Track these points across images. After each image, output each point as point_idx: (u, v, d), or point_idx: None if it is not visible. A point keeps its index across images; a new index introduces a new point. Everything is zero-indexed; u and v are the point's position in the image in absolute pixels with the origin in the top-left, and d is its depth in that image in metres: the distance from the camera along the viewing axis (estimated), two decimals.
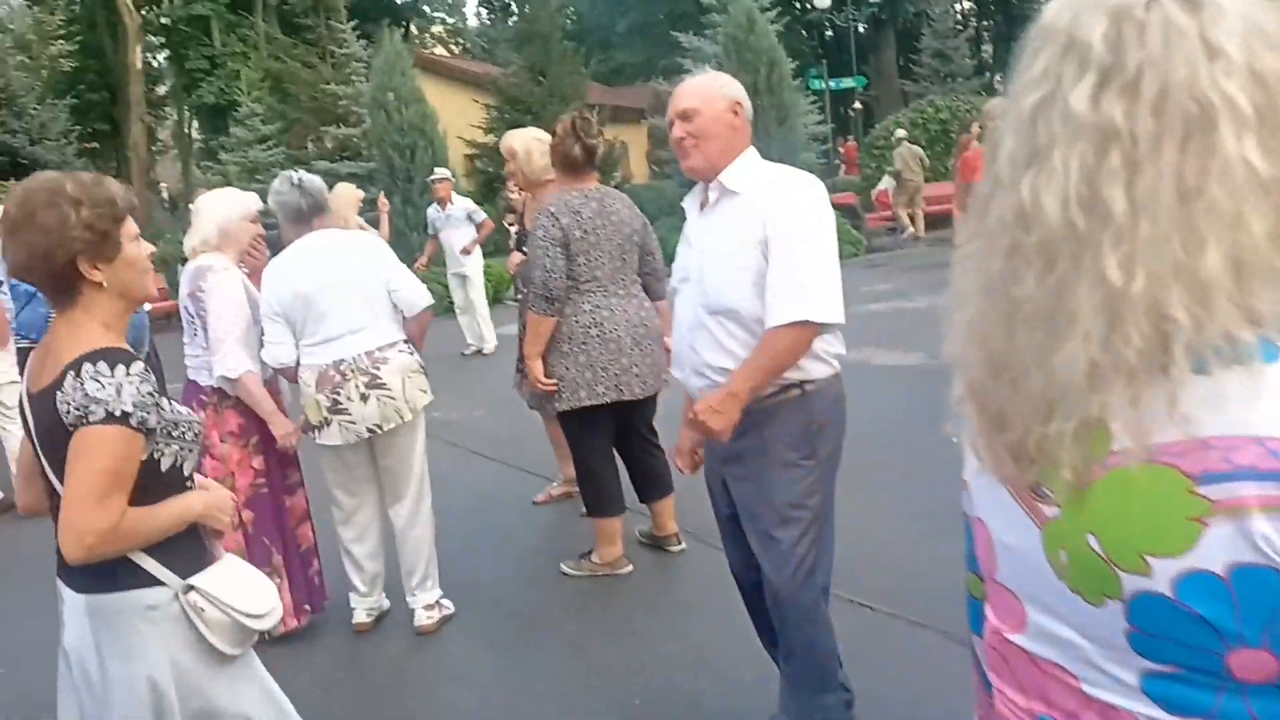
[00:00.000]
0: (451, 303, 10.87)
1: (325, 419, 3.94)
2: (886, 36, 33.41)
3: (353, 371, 3.91)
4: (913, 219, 16.77)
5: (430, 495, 4.27)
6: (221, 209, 4.08)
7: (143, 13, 28.86)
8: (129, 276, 2.09)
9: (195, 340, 4.04)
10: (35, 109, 22.00)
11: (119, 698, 2.08)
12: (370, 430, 3.95)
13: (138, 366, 1.99)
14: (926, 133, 18.50)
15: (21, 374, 6.56)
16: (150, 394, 1.98)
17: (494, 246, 18.79)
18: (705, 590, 4.15)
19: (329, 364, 3.92)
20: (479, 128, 25.66)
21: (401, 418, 3.97)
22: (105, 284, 2.04)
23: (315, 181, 4.09)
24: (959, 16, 34.35)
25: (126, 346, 2.04)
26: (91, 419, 1.92)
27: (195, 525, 2.18)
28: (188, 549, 2.14)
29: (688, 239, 2.89)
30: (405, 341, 4.07)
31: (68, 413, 1.94)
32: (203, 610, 2.09)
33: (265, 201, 4.18)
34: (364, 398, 3.90)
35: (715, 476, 2.96)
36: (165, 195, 34.29)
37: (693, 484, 4.93)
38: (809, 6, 26.17)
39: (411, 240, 15.01)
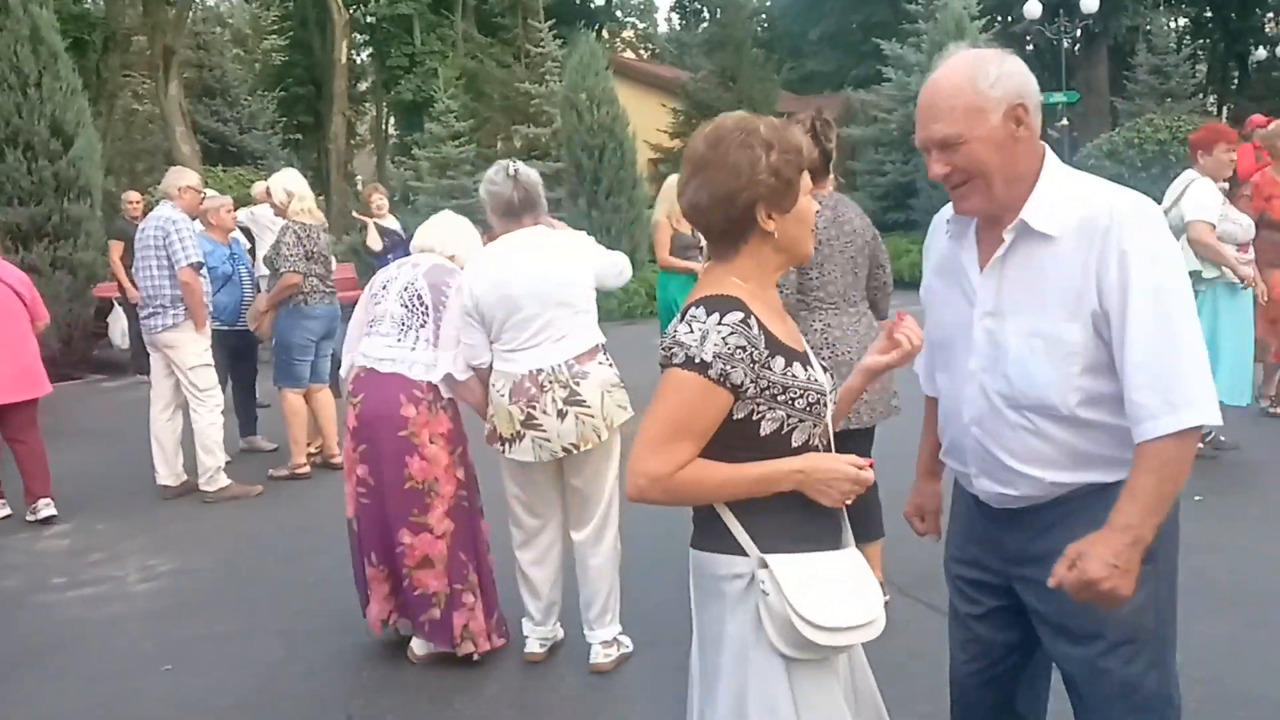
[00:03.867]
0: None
1: (518, 432, 3.66)
2: (1098, 51, 31.67)
3: (551, 383, 3.63)
4: None
5: (618, 521, 3.95)
6: (475, 245, 4.21)
7: (350, 10, 29.97)
8: (798, 231, 1.96)
9: (420, 333, 3.90)
10: (246, 100, 23.08)
11: (709, 656, 2.00)
12: (566, 449, 3.65)
13: (734, 317, 1.83)
14: (1143, 153, 17.26)
15: (214, 355, 6.69)
16: (742, 348, 1.81)
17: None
18: (917, 654, 3.68)
19: (525, 373, 3.64)
20: (665, 132, 25.61)
21: (599, 437, 3.67)
22: (776, 234, 1.92)
23: (531, 175, 3.83)
24: (1176, 34, 32.40)
25: (743, 298, 1.87)
26: (674, 361, 1.85)
27: (811, 501, 1.93)
28: (791, 521, 1.91)
29: (962, 289, 2.11)
30: (604, 352, 3.78)
31: (661, 353, 1.89)
32: (766, 594, 1.86)
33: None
34: (561, 414, 3.61)
35: (973, 568, 2.28)
36: (360, 187, 35.57)
37: (903, 530, 4.50)
38: (1016, 18, 25.03)
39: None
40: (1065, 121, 25.30)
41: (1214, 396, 1.90)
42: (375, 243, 9.36)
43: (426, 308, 3.90)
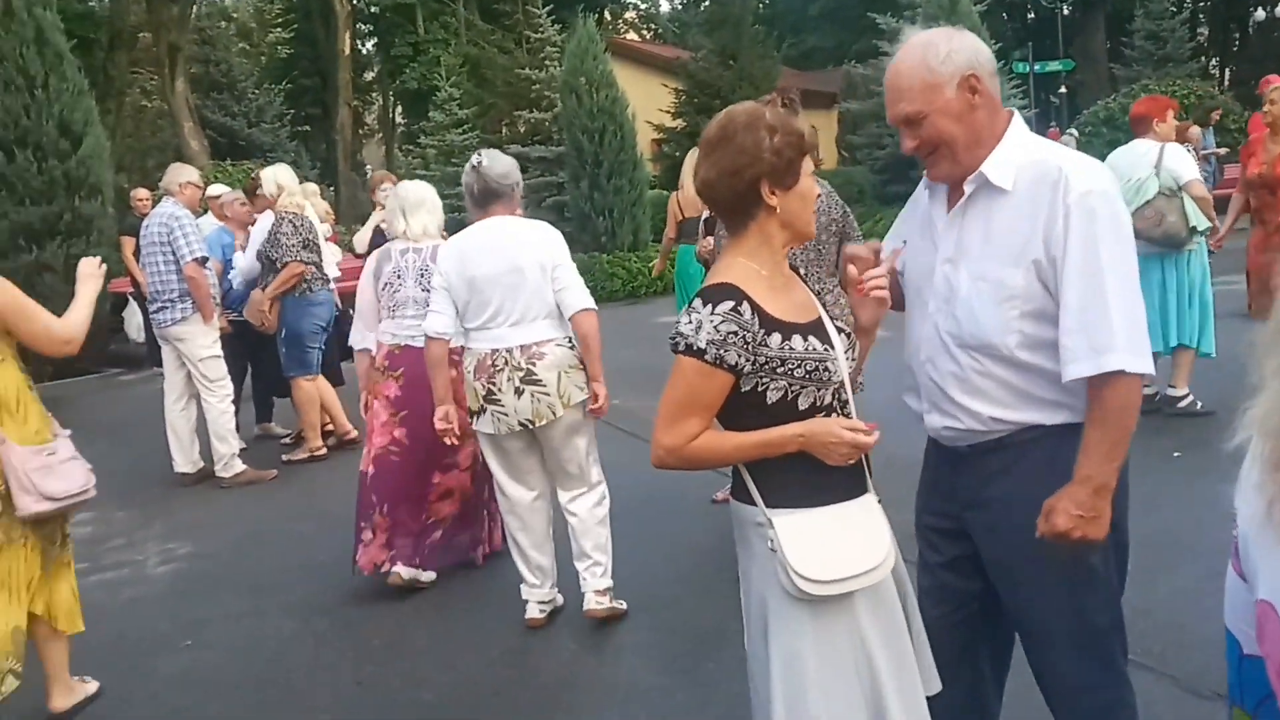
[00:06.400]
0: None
1: (481, 407, 3.96)
2: (1095, 18, 31.52)
3: (505, 364, 3.90)
4: None
5: (603, 484, 4.19)
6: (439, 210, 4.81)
7: (353, 1, 30.07)
8: (798, 206, 2.15)
9: (418, 309, 4.45)
10: (254, 93, 23.18)
11: (745, 592, 2.25)
12: (522, 424, 3.93)
13: (725, 306, 2.03)
14: None
15: (235, 345, 6.90)
16: (733, 333, 2.02)
17: (657, 234, 18.68)
18: None
19: (487, 352, 3.94)
20: (667, 112, 25.64)
21: (554, 414, 3.93)
22: (779, 209, 2.11)
23: (496, 168, 4.03)
24: None
25: (740, 284, 2.07)
26: (677, 348, 2.07)
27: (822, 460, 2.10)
28: (800, 474, 2.09)
29: (932, 239, 2.29)
30: (566, 336, 4.01)
31: (669, 340, 2.10)
32: (774, 551, 2.07)
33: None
34: (518, 392, 3.89)
35: (935, 516, 2.44)
36: (370, 177, 35.69)
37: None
38: None
39: (598, 225, 15.02)
40: (1064, 89, 25.23)
41: (1143, 347, 2.05)
42: (361, 244, 8.28)
43: (429, 289, 4.33)
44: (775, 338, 2.05)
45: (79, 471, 3.56)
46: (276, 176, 6.90)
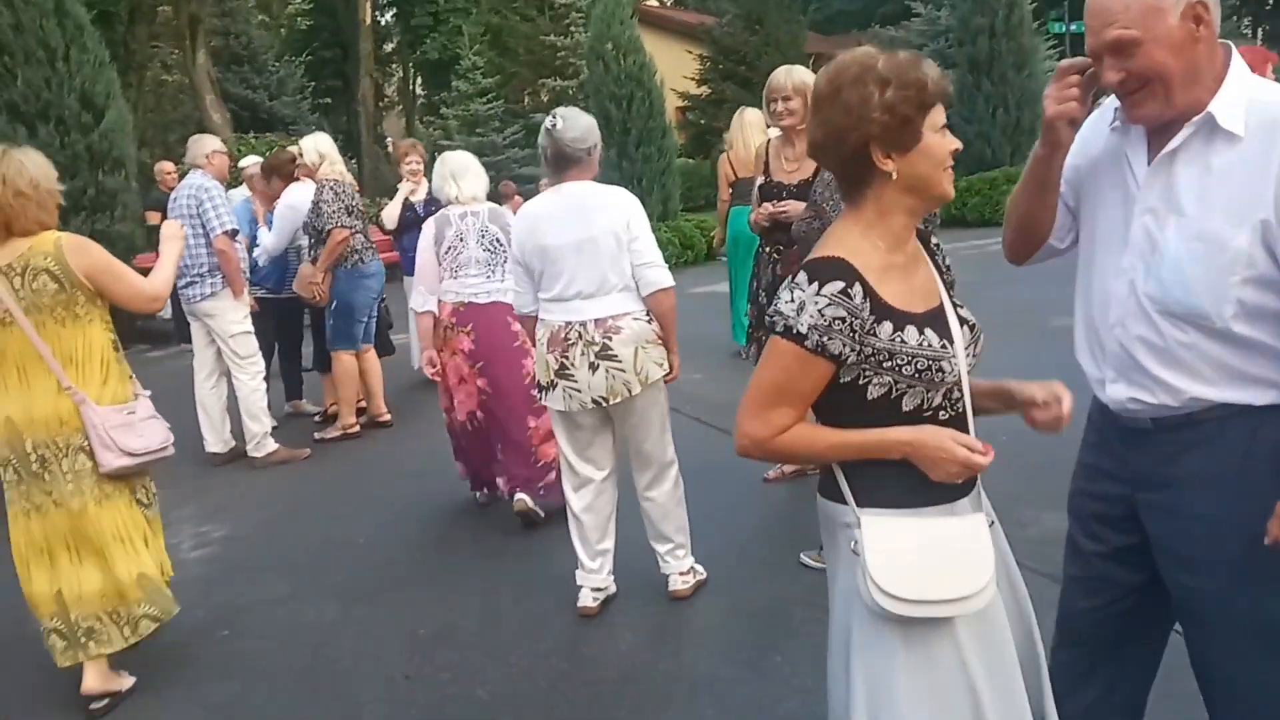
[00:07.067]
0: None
1: (552, 381, 3.76)
2: None
3: (579, 338, 3.70)
4: None
5: (677, 462, 4.03)
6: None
7: None
8: (925, 169, 1.83)
9: (503, 268, 4.83)
10: (274, 66, 23.05)
11: (831, 592, 2.00)
12: (595, 401, 3.73)
13: (833, 288, 1.76)
14: None
15: (261, 322, 6.73)
16: (840, 319, 1.76)
17: (705, 200, 18.44)
18: None
19: (560, 324, 3.74)
20: (692, 79, 25.30)
21: (629, 391, 3.72)
22: (895, 175, 1.81)
23: (570, 131, 3.74)
24: None
25: (852, 260, 1.80)
26: (775, 329, 1.82)
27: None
28: (898, 474, 1.83)
29: (1124, 185, 2.00)
30: (645, 310, 3.79)
31: (768, 317, 1.86)
32: (856, 555, 1.82)
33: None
34: (593, 367, 3.69)
35: (1098, 500, 2.18)
36: (390, 149, 35.51)
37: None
38: None
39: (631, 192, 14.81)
40: None
41: None
42: (390, 220, 7.83)
43: (504, 246, 4.80)
44: (886, 327, 1.79)
45: (158, 429, 3.69)
46: (317, 145, 6.74)
